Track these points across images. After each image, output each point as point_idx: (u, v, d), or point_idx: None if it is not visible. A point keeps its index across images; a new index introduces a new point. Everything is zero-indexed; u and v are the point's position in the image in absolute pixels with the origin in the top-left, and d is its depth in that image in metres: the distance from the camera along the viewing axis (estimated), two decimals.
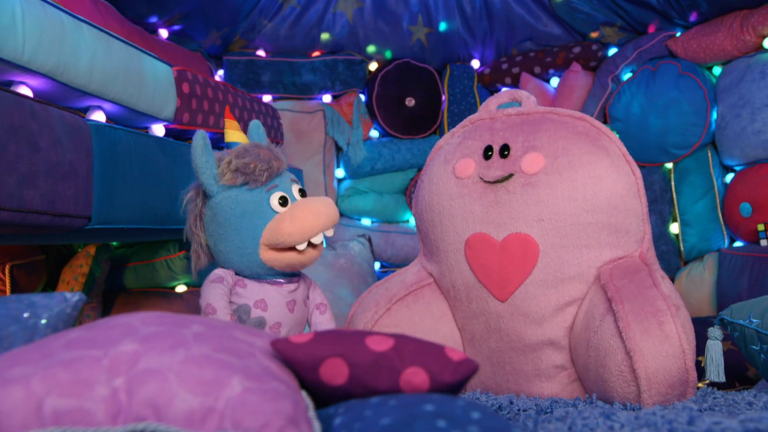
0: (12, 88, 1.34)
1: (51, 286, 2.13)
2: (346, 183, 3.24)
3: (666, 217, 2.75)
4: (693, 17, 2.71)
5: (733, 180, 2.60)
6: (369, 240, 3.06)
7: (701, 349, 1.54)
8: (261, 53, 3.14)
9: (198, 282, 2.33)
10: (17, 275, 1.97)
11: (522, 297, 1.52)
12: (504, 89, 1.75)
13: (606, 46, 3.06)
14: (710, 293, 2.58)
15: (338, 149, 3.24)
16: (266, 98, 3.13)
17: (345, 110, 3.19)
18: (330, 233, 1.48)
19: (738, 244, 2.62)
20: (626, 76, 2.90)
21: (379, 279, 1.98)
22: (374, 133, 3.29)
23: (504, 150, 1.57)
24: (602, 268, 1.50)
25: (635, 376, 1.29)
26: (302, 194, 1.51)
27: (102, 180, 1.44)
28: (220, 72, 3.09)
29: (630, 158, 1.55)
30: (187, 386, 0.63)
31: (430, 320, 1.67)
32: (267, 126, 2.47)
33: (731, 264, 2.49)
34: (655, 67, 2.76)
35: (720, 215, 2.65)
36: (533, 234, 1.50)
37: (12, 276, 1.95)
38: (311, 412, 0.68)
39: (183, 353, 0.65)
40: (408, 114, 3.21)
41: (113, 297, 2.31)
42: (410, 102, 3.20)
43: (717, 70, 2.72)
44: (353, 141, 3.15)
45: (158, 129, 1.89)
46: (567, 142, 1.52)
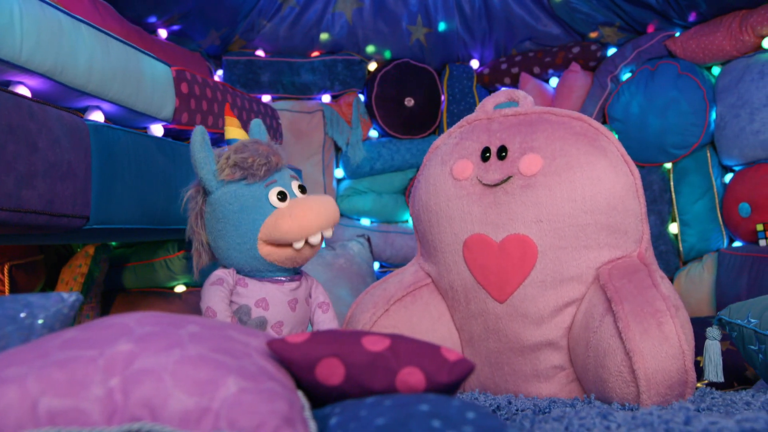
0: (10, 88, 1.34)
1: (50, 286, 2.13)
2: (346, 183, 3.24)
3: (665, 217, 2.75)
4: (692, 17, 2.71)
5: (732, 180, 2.60)
6: (368, 240, 3.06)
7: (700, 349, 1.54)
8: (260, 53, 3.14)
9: (199, 281, 2.33)
10: (16, 275, 1.97)
11: (521, 298, 1.52)
12: (503, 89, 1.75)
13: (605, 46, 3.06)
14: (709, 293, 2.58)
15: (337, 149, 3.24)
16: (265, 98, 3.13)
17: (344, 110, 3.19)
18: (329, 234, 1.47)
19: (737, 244, 2.62)
20: (625, 76, 2.90)
21: (379, 279, 1.98)
22: (373, 133, 3.29)
23: (501, 151, 1.57)
24: (601, 269, 1.50)
25: (634, 377, 1.29)
26: (302, 190, 1.50)
27: (100, 180, 1.44)
28: (220, 72, 3.09)
29: (628, 158, 1.55)
30: (183, 386, 0.63)
31: (429, 321, 1.67)
32: (266, 126, 2.47)
33: (730, 264, 2.49)
34: (654, 67, 2.76)
35: (719, 215, 2.65)
36: (532, 235, 1.50)
37: (11, 276, 1.95)
38: (307, 412, 0.68)
39: (178, 353, 0.65)
40: (407, 114, 3.21)
41: (112, 297, 2.31)
42: (409, 102, 3.20)
43: (716, 70, 2.72)
44: (352, 141, 3.15)
45: (157, 129, 1.89)
46: (565, 143, 1.52)
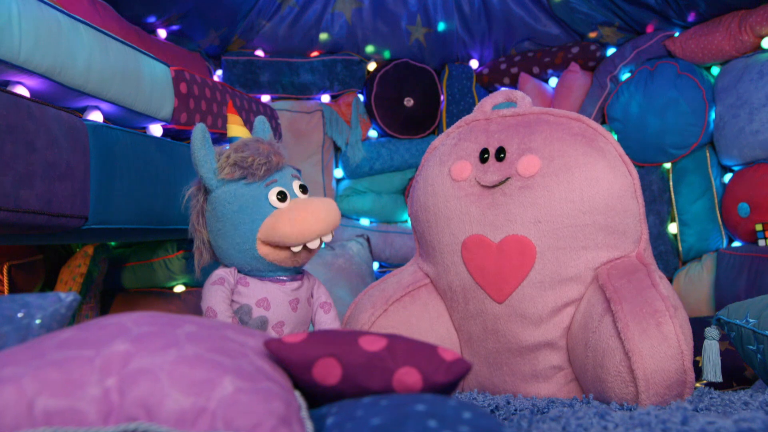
0: (8, 88, 1.34)
1: (49, 286, 2.13)
2: (345, 183, 3.24)
3: (664, 217, 2.75)
4: (691, 17, 2.71)
5: (732, 180, 2.60)
6: (367, 240, 3.06)
7: (699, 349, 1.54)
8: (259, 53, 3.14)
9: (201, 280, 2.33)
10: (15, 275, 1.97)
11: (519, 298, 1.52)
12: (501, 89, 1.75)
13: (604, 46, 3.06)
14: (708, 293, 2.58)
15: (337, 149, 3.24)
16: (265, 98, 3.13)
17: (343, 110, 3.19)
18: (328, 238, 1.45)
19: (736, 244, 2.62)
20: (624, 76, 2.90)
21: (378, 279, 1.98)
22: (373, 133, 3.29)
23: (500, 153, 1.57)
24: (600, 269, 1.50)
25: (633, 377, 1.29)
26: (303, 190, 1.48)
27: (99, 180, 1.44)
28: (219, 72, 3.09)
29: (627, 159, 1.55)
30: (179, 386, 0.63)
31: (427, 321, 1.67)
32: None
33: (729, 264, 2.49)
34: (654, 67, 2.76)
35: (718, 215, 2.65)
36: (530, 236, 1.50)
37: (10, 276, 1.95)
38: (304, 412, 0.69)
39: (175, 353, 0.65)
40: (406, 114, 3.21)
41: (111, 297, 2.31)
42: (409, 102, 3.20)
43: (715, 70, 2.72)
44: (352, 141, 3.15)
45: (156, 129, 1.89)
46: (563, 144, 1.52)
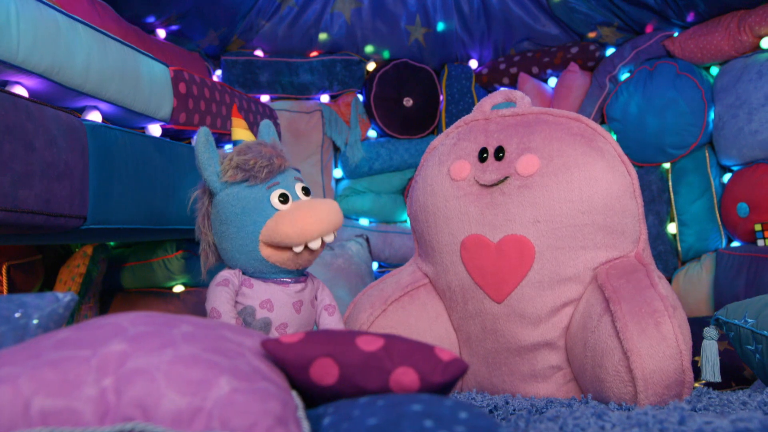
0: (7, 88, 1.34)
1: (48, 286, 2.13)
2: (344, 183, 3.24)
3: (663, 217, 2.75)
4: (690, 17, 2.71)
5: (731, 180, 2.60)
6: (367, 240, 3.06)
7: (698, 349, 1.54)
8: (259, 53, 3.14)
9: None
10: (14, 275, 1.97)
11: (518, 298, 1.52)
12: (500, 89, 1.75)
13: (604, 46, 3.06)
14: (708, 293, 2.58)
15: (336, 149, 3.24)
16: (264, 98, 3.13)
17: (343, 110, 3.19)
18: (329, 239, 1.45)
19: (735, 244, 2.61)
20: (624, 76, 2.90)
21: (377, 279, 1.98)
22: (372, 133, 3.29)
23: (499, 152, 1.57)
24: (599, 268, 1.50)
25: (632, 377, 1.29)
26: (306, 192, 1.48)
27: (98, 180, 1.44)
28: (218, 72, 3.09)
29: (626, 159, 1.55)
30: (175, 386, 0.63)
31: (426, 321, 1.67)
32: None
33: (728, 264, 2.49)
34: (653, 68, 2.76)
35: (717, 215, 2.65)
36: (529, 236, 1.50)
37: (9, 276, 1.95)
38: (300, 412, 0.69)
39: (171, 353, 0.65)
40: (406, 114, 3.21)
41: (111, 297, 2.31)
42: (408, 102, 3.21)
43: (714, 71, 2.72)
44: (351, 141, 3.15)
45: (155, 129, 1.89)
46: (562, 144, 1.52)
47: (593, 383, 1.40)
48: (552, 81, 3.16)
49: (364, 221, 3.23)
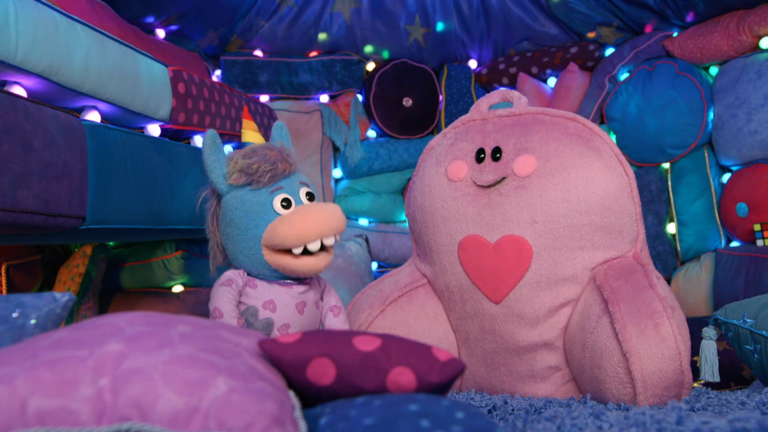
0: (6, 88, 1.34)
1: (47, 286, 2.13)
2: (344, 183, 3.24)
3: (663, 218, 2.75)
4: (689, 17, 2.71)
5: (730, 180, 2.60)
6: (366, 240, 3.06)
7: (697, 349, 1.54)
8: (258, 53, 3.14)
9: (197, 281, 2.34)
10: (13, 275, 1.97)
11: (516, 299, 1.52)
12: (497, 89, 1.75)
13: (603, 46, 3.06)
14: (707, 293, 2.57)
15: (335, 149, 3.24)
16: (263, 98, 3.13)
17: (342, 110, 3.19)
18: (329, 242, 1.42)
19: (734, 244, 2.61)
20: (623, 76, 2.90)
21: (376, 279, 1.99)
22: (371, 134, 3.29)
23: (496, 153, 1.57)
24: (597, 269, 1.50)
25: (631, 378, 1.29)
26: (310, 197, 1.47)
27: (96, 180, 1.44)
28: (218, 72, 3.09)
29: (623, 159, 1.55)
30: (172, 386, 0.63)
31: (424, 321, 1.67)
32: (264, 126, 2.47)
33: (728, 264, 2.49)
34: (652, 68, 2.76)
35: (717, 215, 2.65)
36: (526, 236, 1.50)
37: (8, 276, 1.95)
38: (297, 412, 0.69)
39: (168, 353, 0.65)
40: (405, 114, 3.21)
41: (110, 297, 2.31)
42: (407, 102, 3.20)
43: (714, 71, 2.72)
44: (350, 141, 3.15)
45: (154, 129, 1.89)
46: (559, 144, 1.52)
47: (592, 384, 1.40)
48: (551, 81, 3.16)
49: (364, 221, 3.23)
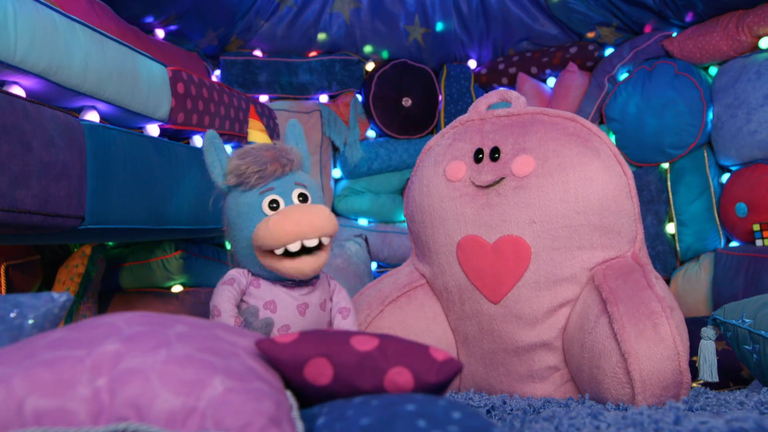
0: (4, 89, 1.34)
1: (47, 286, 2.13)
2: (343, 183, 3.24)
3: (662, 217, 2.75)
4: (689, 17, 2.71)
5: (729, 180, 2.60)
6: (366, 240, 3.06)
7: (696, 349, 1.54)
8: (258, 53, 3.14)
9: (196, 281, 2.34)
10: (12, 275, 1.97)
11: (515, 299, 1.52)
12: (495, 89, 1.75)
13: (602, 46, 3.06)
14: (706, 293, 2.57)
15: (335, 149, 3.24)
16: (263, 98, 3.13)
17: (342, 110, 3.19)
18: (311, 243, 1.37)
19: (734, 244, 2.61)
20: (623, 76, 2.90)
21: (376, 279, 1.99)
22: (371, 134, 3.29)
23: (494, 153, 1.57)
24: (596, 269, 1.50)
25: (630, 378, 1.29)
26: (303, 198, 1.43)
27: (95, 180, 1.44)
28: (217, 72, 3.09)
29: (621, 159, 1.55)
30: (169, 386, 0.63)
31: (423, 321, 1.67)
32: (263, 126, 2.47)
33: (727, 264, 2.48)
34: (652, 68, 2.76)
35: (716, 215, 2.65)
36: (525, 236, 1.50)
37: (7, 276, 1.95)
38: (294, 412, 0.69)
39: (165, 353, 0.65)
40: (405, 114, 3.21)
41: (109, 297, 2.31)
42: (407, 102, 3.21)
43: (713, 71, 2.72)
44: (350, 141, 3.15)
45: (153, 129, 1.89)
46: (557, 144, 1.52)
47: (591, 384, 1.40)
48: (551, 81, 3.16)
49: (363, 221, 3.23)
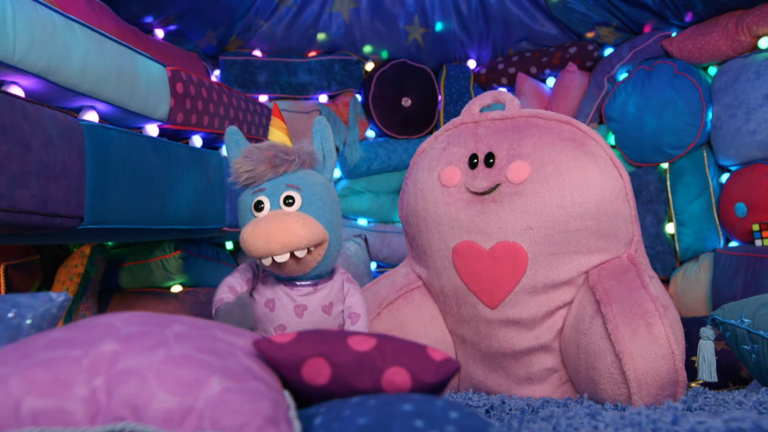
0: (3, 88, 1.34)
1: (46, 286, 2.13)
2: (343, 183, 3.24)
3: (661, 217, 2.75)
4: (688, 17, 2.71)
5: (729, 180, 2.60)
6: (365, 240, 3.06)
7: (695, 349, 1.54)
8: (257, 53, 3.14)
9: (196, 281, 2.34)
10: (12, 275, 1.97)
11: (512, 304, 1.51)
12: (488, 91, 1.73)
13: (602, 46, 3.06)
14: (706, 293, 2.57)
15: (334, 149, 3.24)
16: (262, 98, 3.13)
17: (341, 110, 3.19)
18: (281, 259, 1.34)
19: (733, 244, 2.61)
20: (622, 76, 2.90)
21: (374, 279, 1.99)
22: (370, 134, 3.29)
23: (489, 158, 1.55)
24: (590, 270, 1.50)
25: (625, 378, 1.29)
26: (290, 202, 1.39)
27: (94, 180, 1.44)
28: (217, 72, 3.09)
29: (617, 161, 1.53)
30: (167, 386, 0.63)
31: (421, 323, 1.66)
32: (262, 126, 2.47)
33: (726, 264, 2.48)
34: (651, 68, 2.76)
35: (715, 215, 2.65)
36: (522, 242, 1.48)
37: (7, 276, 1.95)
38: (292, 412, 0.69)
39: (163, 353, 0.65)
40: (404, 114, 3.21)
41: (109, 297, 2.31)
42: (406, 102, 3.21)
43: (712, 71, 2.72)
44: (349, 141, 3.15)
45: (152, 129, 1.89)
46: (553, 149, 1.51)
47: (588, 385, 1.40)
48: (550, 81, 3.16)
49: (363, 221, 3.23)
